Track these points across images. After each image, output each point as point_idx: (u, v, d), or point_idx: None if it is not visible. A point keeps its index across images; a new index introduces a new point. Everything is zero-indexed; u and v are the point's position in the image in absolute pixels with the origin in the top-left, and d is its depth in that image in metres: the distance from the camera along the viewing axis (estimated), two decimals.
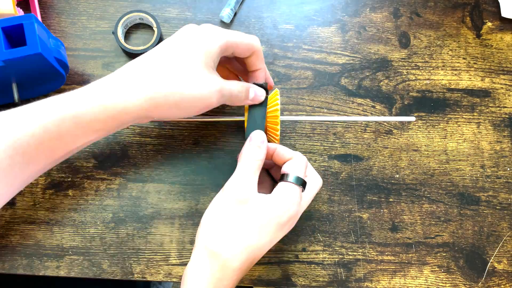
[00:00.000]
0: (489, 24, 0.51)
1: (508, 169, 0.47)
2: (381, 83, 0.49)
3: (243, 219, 0.34)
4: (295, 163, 0.38)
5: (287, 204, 0.36)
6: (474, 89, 0.49)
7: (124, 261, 0.42)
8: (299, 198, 0.37)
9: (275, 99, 0.40)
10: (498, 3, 0.52)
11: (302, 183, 0.37)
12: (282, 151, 0.39)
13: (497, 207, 0.46)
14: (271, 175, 0.43)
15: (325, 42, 0.50)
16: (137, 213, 0.44)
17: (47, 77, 0.42)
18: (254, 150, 0.37)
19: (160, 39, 0.47)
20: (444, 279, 0.44)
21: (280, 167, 0.39)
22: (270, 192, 0.37)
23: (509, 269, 0.44)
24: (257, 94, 0.40)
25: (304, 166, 0.38)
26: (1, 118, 0.32)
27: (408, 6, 0.51)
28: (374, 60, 0.49)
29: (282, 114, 0.47)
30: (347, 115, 0.47)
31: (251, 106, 0.40)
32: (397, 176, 0.46)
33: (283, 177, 0.37)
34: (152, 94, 0.34)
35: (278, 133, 0.40)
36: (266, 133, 0.40)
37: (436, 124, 0.48)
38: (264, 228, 0.35)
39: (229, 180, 0.36)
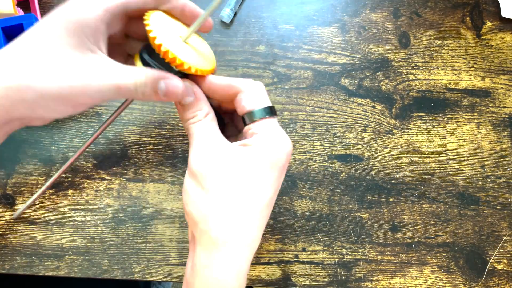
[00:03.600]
0: (489, 24, 0.51)
1: (508, 169, 0.47)
2: (381, 83, 0.49)
3: (235, 188, 0.28)
4: (255, 94, 0.30)
5: (279, 142, 0.29)
6: (474, 89, 0.49)
7: (124, 261, 0.42)
8: (280, 128, 0.30)
9: (145, 20, 0.29)
10: (498, 3, 0.52)
11: (274, 112, 0.30)
12: (220, 84, 0.30)
13: (497, 207, 0.46)
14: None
15: (325, 42, 0.50)
16: (137, 213, 0.44)
17: None
18: (189, 107, 0.29)
19: None
20: (444, 279, 0.44)
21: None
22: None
23: (509, 269, 0.44)
24: (171, 86, 0.28)
25: (265, 92, 0.31)
26: None
27: (408, 6, 0.51)
28: (374, 60, 0.49)
29: (281, 114, 0.47)
30: (347, 115, 0.48)
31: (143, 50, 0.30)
32: (397, 176, 0.46)
33: (248, 118, 0.30)
34: (4, 92, 0.25)
35: (179, 58, 0.28)
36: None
37: (436, 124, 0.48)
38: (265, 184, 0.29)
39: (189, 157, 0.29)
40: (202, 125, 0.29)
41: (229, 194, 0.28)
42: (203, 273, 0.29)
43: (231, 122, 0.36)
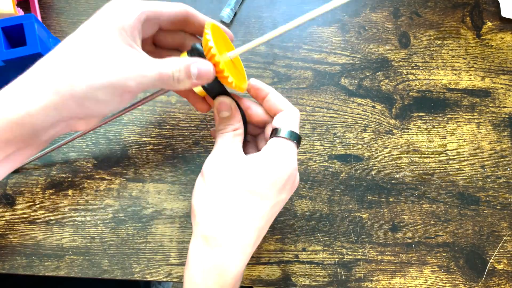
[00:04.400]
0: (489, 24, 0.51)
1: (508, 169, 0.47)
2: (381, 83, 0.49)
3: (236, 195, 0.31)
4: (288, 116, 0.33)
5: (283, 160, 0.31)
6: (474, 89, 0.49)
7: (124, 261, 0.42)
8: (295, 154, 0.33)
9: (205, 34, 0.31)
10: (498, 3, 0.52)
11: (296, 139, 0.33)
12: (273, 99, 0.34)
13: (497, 207, 0.46)
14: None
15: (325, 42, 0.50)
16: (137, 213, 0.44)
17: None
18: (223, 121, 0.33)
19: None
20: (444, 279, 0.44)
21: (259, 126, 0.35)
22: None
23: (509, 269, 0.44)
24: (202, 69, 0.30)
25: (298, 119, 0.34)
26: None
27: (408, 6, 0.51)
28: (374, 60, 0.49)
29: None
30: (347, 115, 0.48)
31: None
32: (397, 176, 0.46)
33: (274, 132, 0.33)
34: (54, 88, 0.27)
35: (226, 74, 0.31)
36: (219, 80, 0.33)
37: (436, 124, 0.48)
38: (260, 195, 0.31)
39: (209, 159, 0.33)
40: (227, 137, 0.33)
41: (226, 196, 0.31)
42: (192, 262, 0.31)
43: (253, 142, 0.39)
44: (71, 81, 0.27)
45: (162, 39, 0.36)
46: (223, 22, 0.49)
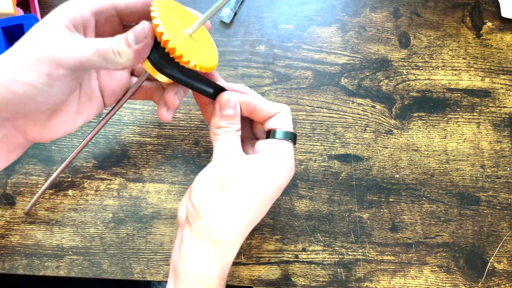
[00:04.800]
0: (489, 24, 0.51)
1: (508, 169, 0.47)
2: (381, 83, 0.49)
3: (239, 195, 0.31)
4: (283, 117, 0.33)
5: (286, 163, 0.32)
6: (474, 89, 0.49)
7: (124, 261, 0.42)
8: (293, 155, 0.34)
9: (151, 12, 0.28)
10: (498, 3, 0.52)
11: (293, 138, 0.34)
12: (265, 108, 0.33)
13: (497, 207, 0.46)
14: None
15: (325, 42, 0.50)
16: (137, 213, 0.44)
17: None
18: (226, 119, 0.32)
19: None
20: (444, 279, 0.44)
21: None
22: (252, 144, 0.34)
23: (509, 269, 0.44)
24: (137, 30, 0.28)
25: (291, 117, 0.34)
26: None
27: (408, 6, 0.51)
28: (374, 60, 0.49)
29: None
30: (347, 115, 0.48)
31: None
32: (397, 176, 0.46)
33: (271, 134, 0.33)
34: None
35: (181, 52, 0.28)
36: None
37: (436, 124, 0.48)
38: (270, 200, 0.32)
39: (214, 162, 0.32)
40: (231, 137, 0.32)
41: (239, 203, 0.31)
42: (194, 263, 0.32)
43: (248, 126, 0.38)
44: (4, 77, 0.26)
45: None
46: (223, 22, 0.49)
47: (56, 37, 0.27)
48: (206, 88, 0.33)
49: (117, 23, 0.31)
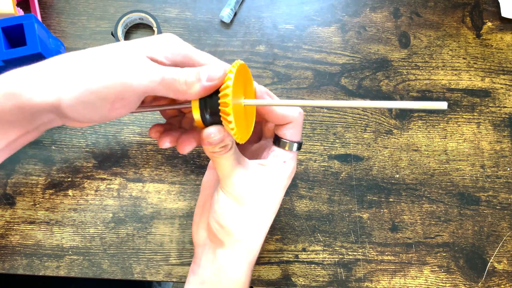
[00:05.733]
0: (489, 24, 0.51)
1: (508, 169, 0.47)
2: (381, 83, 0.49)
3: (253, 207, 0.34)
4: (294, 127, 0.34)
5: (291, 171, 0.35)
6: (474, 89, 0.49)
7: (124, 261, 0.42)
8: (295, 160, 0.36)
9: (229, 72, 0.29)
10: (498, 3, 0.52)
11: (299, 147, 0.36)
12: (282, 113, 0.34)
13: (497, 207, 0.46)
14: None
15: (325, 42, 0.50)
16: (137, 213, 0.44)
17: None
18: (215, 143, 0.31)
19: None
20: (444, 279, 0.44)
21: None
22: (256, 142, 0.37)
23: (509, 269, 0.44)
24: (212, 72, 0.29)
25: (302, 125, 0.36)
26: None
27: (408, 6, 0.51)
28: (374, 60, 0.49)
29: None
30: (347, 115, 0.48)
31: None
32: (397, 176, 0.46)
33: (277, 141, 0.35)
34: (55, 90, 0.28)
35: (231, 118, 0.29)
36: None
37: (436, 124, 0.48)
38: (277, 207, 0.35)
39: (222, 183, 0.34)
40: (227, 157, 0.32)
41: (259, 213, 0.34)
42: (232, 272, 0.34)
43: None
44: (67, 84, 0.28)
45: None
46: (223, 22, 0.49)
47: (125, 62, 0.28)
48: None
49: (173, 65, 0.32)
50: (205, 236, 0.36)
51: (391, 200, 0.45)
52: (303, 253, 0.44)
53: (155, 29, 0.47)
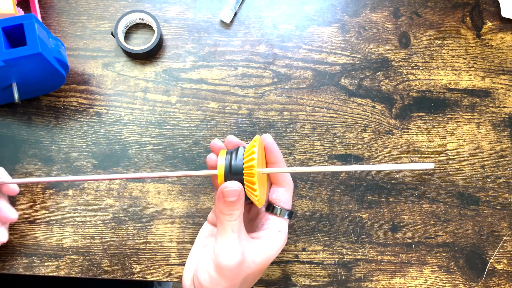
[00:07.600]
0: (489, 24, 0.51)
1: (508, 169, 0.47)
2: (381, 83, 0.49)
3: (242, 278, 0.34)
4: (286, 193, 0.37)
5: (278, 243, 0.36)
6: (474, 89, 0.49)
7: (124, 261, 0.42)
8: (287, 230, 0.37)
9: (252, 146, 0.33)
10: (498, 3, 0.52)
11: (291, 216, 0.37)
12: (279, 178, 0.37)
13: (497, 207, 0.46)
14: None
15: (325, 42, 0.50)
16: (137, 213, 0.44)
17: (47, 77, 0.42)
18: (229, 205, 0.32)
19: (160, 39, 0.47)
20: (444, 279, 0.44)
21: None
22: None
23: (509, 269, 0.44)
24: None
25: (292, 195, 0.38)
26: None
27: (408, 6, 0.51)
28: (374, 60, 0.49)
29: (281, 114, 0.47)
30: (347, 115, 0.48)
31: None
32: (397, 176, 0.46)
33: (271, 208, 0.37)
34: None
35: (256, 187, 0.32)
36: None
37: (436, 124, 0.48)
38: (256, 278, 0.36)
39: (216, 247, 0.33)
40: (235, 225, 0.33)
41: (231, 284, 0.34)
42: None
43: None
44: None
45: None
46: (223, 22, 0.49)
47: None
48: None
49: None
50: (189, 282, 0.36)
51: (391, 200, 0.45)
52: (303, 253, 0.44)
53: (155, 29, 0.47)
